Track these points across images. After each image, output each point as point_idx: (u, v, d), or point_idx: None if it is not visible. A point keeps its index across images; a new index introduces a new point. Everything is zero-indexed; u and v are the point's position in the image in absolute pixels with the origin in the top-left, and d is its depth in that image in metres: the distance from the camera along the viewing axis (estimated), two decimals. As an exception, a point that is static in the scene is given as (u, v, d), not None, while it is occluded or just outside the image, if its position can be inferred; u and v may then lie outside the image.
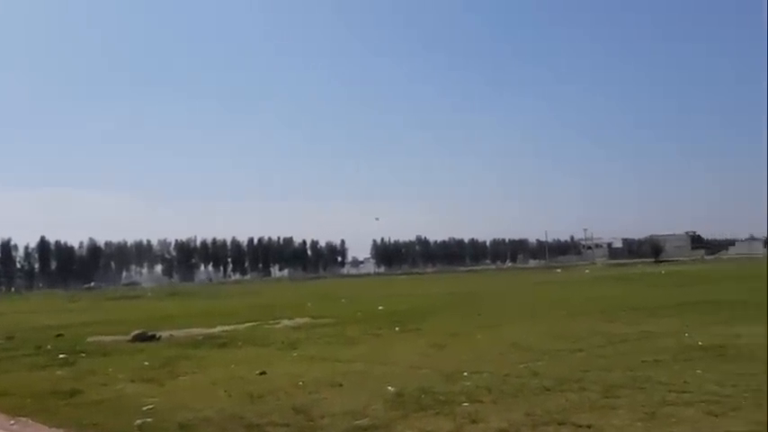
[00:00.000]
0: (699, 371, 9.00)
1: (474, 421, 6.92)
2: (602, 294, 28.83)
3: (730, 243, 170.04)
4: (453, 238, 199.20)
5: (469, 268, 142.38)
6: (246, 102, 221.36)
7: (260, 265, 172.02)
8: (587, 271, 73.56)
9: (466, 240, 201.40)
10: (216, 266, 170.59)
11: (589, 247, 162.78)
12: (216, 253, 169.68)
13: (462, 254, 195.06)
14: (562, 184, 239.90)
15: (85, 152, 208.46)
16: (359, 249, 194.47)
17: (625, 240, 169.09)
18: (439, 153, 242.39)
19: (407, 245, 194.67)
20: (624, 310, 19.09)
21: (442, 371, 10.04)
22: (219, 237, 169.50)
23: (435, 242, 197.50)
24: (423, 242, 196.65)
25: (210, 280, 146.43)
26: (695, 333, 12.89)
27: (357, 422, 7.14)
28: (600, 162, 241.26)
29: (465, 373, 9.68)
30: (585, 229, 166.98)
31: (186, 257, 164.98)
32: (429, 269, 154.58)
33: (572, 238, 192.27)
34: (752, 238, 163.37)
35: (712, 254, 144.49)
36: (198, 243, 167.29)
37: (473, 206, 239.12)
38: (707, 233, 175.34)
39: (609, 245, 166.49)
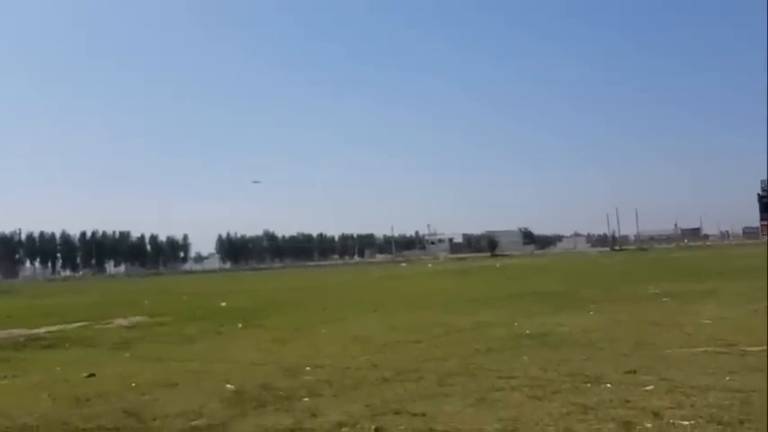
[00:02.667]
0: (525, 357, 9.60)
1: (314, 415, 6.91)
2: (442, 287, 30.03)
3: (558, 239, 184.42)
4: (302, 233, 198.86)
5: (317, 263, 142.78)
6: (69, 87, 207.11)
7: (93, 261, 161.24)
8: (430, 265, 76.44)
9: (314, 235, 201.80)
10: (43, 262, 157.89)
11: (432, 242, 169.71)
12: (43, 248, 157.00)
13: (311, 249, 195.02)
14: (408, 182, 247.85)
15: None
16: (203, 244, 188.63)
17: (465, 236, 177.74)
18: (286, 148, 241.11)
19: (254, 240, 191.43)
20: (461, 302, 19.99)
21: (284, 366, 9.94)
22: (47, 230, 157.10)
23: (283, 237, 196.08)
24: (270, 237, 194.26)
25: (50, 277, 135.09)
26: (523, 322, 13.75)
27: (193, 423, 6.88)
28: (443, 161, 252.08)
29: (307, 368, 9.65)
30: (429, 225, 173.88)
31: (9, 252, 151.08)
32: (277, 264, 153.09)
33: (417, 233, 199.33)
34: (576, 235, 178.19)
35: (542, 248, 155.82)
36: (23, 237, 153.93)
37: (322, 202, 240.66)
38: (537, 230, 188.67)
39: (450, 240, 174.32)
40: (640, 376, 7.80)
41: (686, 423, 5.80)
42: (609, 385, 7.44)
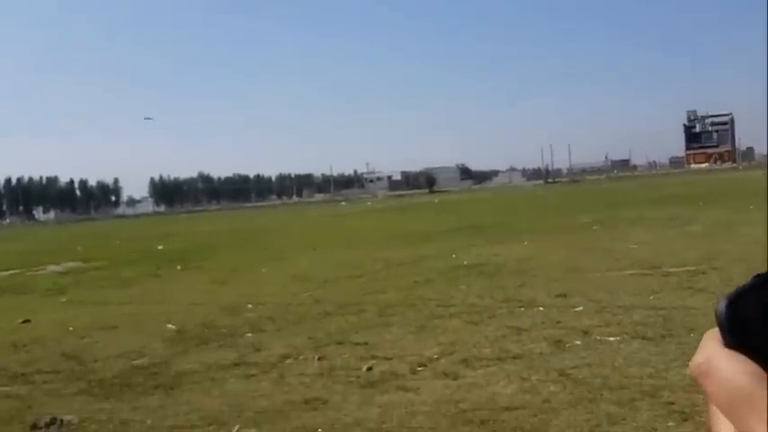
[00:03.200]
0: (463, 286, 9.90)
1: (258, 350, 7.00)
2: (381, 224, 30.28)
3: (494, 174, 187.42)
4: (238, 174, 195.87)
5: (255, 204, 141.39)
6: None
7: (21, 209, 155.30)
8: (369, 203, 76.72)
9: (251, 176, 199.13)
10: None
11: (371, 181, 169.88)
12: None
13: (248, 190, 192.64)
14: (346, 121, 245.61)
15: None
16: (135, 188, 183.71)
17: (404, 173, 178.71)
18: (218, 86, 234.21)
19: (189, 182, 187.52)
20: (401, 238, 20.26)
21: (225, 305, 9.96)
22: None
23: (219, 179, 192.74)
24: (205, 179, 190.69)
25: None
26: (461, 254, 14.09)
27: (134, 362, 6.89)
28: (379, 99, 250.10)
29: (249, 306, 9.70)
30: (368, 164, 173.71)
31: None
32: (213, 206, 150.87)
33: (355, 172, 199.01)
34: (512, 169, 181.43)
35: (479, 183, 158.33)
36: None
37: (258, 142, 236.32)
38: (474, 165, 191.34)
39: (389, 178, 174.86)
40: (571, 299, 8.16)
41: (612, 339, 6.15)
42: (541, 308, 7.78)
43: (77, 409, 5.47)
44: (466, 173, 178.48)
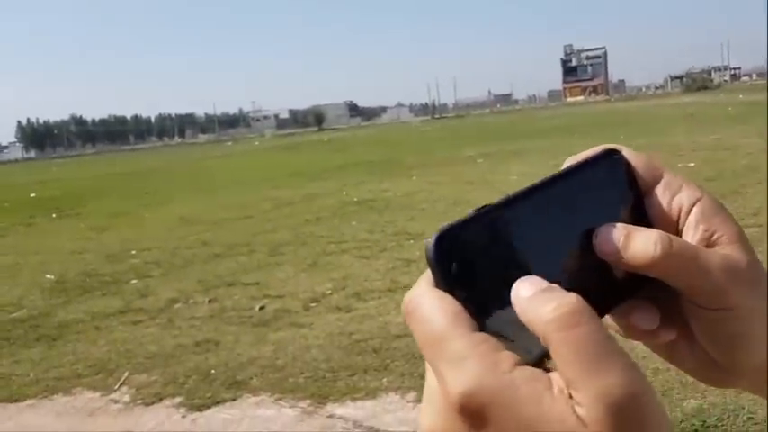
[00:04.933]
0: (353, 223, 10.00)
1: (144, 296, 6.83)
2: (269, 164, 29.85)
3: (383, 110, 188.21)
4: (114, 116, 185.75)
5: (134, 147, 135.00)
6: None
7: None
8: (257, 143, 75.08)
9: (128, 117, 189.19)
10: None
11: (257, 120, 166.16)
12: None
13: (125, 132, 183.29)
14: (230, 57, 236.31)
15: None
16: (1, 133, 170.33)
17: (291, 111, 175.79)
18: (81, 22, 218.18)
19: (60, 125, 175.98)
20: (290, 177, 20.06)
21: (107, 253, 9.57)
22: None
23: (93, 121, 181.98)
24: (79, 121, 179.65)
25: None
26: (351, 191, 14.18)
27: (13, 315, 6.54)
28: (264, 34, 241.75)
29: (132, 252, 9.37)
30: (254, 102, 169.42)
31: None
32: (89, 150, 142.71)
33: (241, 110, 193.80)
34: (399, 105, 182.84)
35: (367, 120, 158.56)
36: None
37: (132, 80, 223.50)
38: (362, 102, 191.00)
39: (276, 116, 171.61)
40: (457, 230, 8.44)
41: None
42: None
43: (-50, 369, 5.16)
44: (354, 110, 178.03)
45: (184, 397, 4.27)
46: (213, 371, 4.61)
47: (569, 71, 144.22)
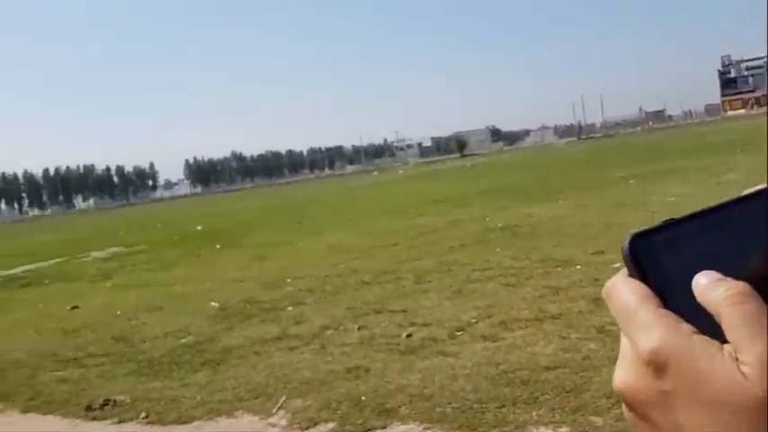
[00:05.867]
0: (498, 249, 9.90)
1: (298, 322, 7.15)
2: (414, 191, 30.30)
3: (525, 133, 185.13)
4: (270, 151, 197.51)
5: (288, 180, 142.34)
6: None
7: (61, 198, 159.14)
8: (401, 171, 76.65)
9: (283, 152, 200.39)
10: (9, 204, 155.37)
11: (401, 149, 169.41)
12: (8, 189, 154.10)
13: (280, 166, 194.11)
14: (373, 90, 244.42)
15: None
16: (171, 171, 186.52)
17: (433, 139, 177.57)
18: (239, 68, 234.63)
19: (223, 162, 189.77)
20: (434, 204, 20.27)
21: (265, 281, 10.14)
22: (9, 171, 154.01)
23: (252, 156, 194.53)
24: (238, 158, 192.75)
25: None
26: (495, 217, 14.06)
27: (182, 341, 7.09)
28: (406, 67, 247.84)
29: (288, 280, 9.86)
30: (397, 132, 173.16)
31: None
32: (247, 185, 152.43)
33: (385, 140, 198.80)
34: (543, 128, 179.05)
35: (510, 144, 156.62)
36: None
37: (288, 117, 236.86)
38: (504, 126, 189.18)
39: (419, 144, 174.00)
40: (608, 255, 8.09)
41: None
42: (578, 267, 7.75)
43: (129, 389, 5.68)
44: (497, 134, 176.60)
45: (337, 423, 4.42)
46: (363, 397, 4.73)
47: (728, 83, 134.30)
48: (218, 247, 16.56)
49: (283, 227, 20.24)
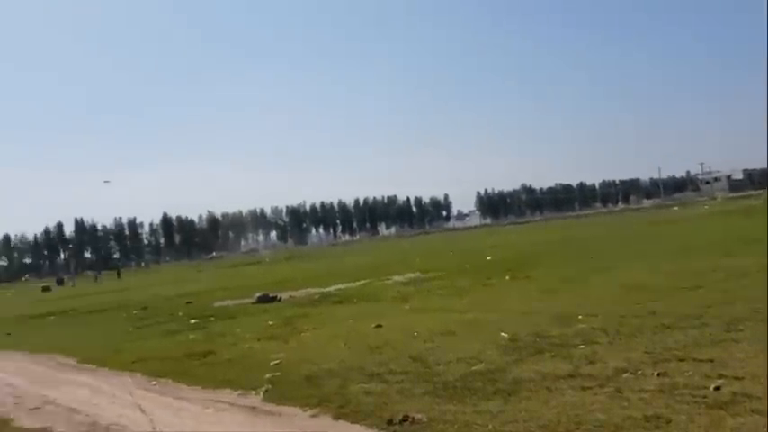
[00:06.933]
0: (832, 300, 8.49)
1: (591, 362, 6.92)
2: (720, 229, 27.39)
3: None
4: (560, 184, 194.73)
5: (579, 213, 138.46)
6: (336, 60, 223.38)
7: (367, 225, 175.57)
8: (706, 207, 69.79)
9: (574, 185, 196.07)
10: (326, 229, 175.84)
11: (707, 182, 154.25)
12: (325, 216, 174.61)
13: (571, 199, 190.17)
14: (673, 118, 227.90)
15: (194, 128, 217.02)
16: (463, 202, 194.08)
17: (745, 171, 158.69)
18: (534, 98, 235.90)
19: (512, 194, 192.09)
20: (746, 243, 18.09)
21: (556, 315, 10.01)
22: (327, 200, 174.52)
23: (541, 189, 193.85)
24: (528, 190, 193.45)
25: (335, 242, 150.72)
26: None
27: (473, 368, 7.31)
28: (718, 90, 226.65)
29: (579, 317, 9.61)
30: (702, 163, 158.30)
31: (298, 222, 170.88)
32: (536, 217, 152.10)
33: (688, 173, 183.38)
34: None
35: None
36: (308, 207, 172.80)
37: (579, 148, 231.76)
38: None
39: (728, 177, 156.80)
40: None
41: None
42: None
43: (426, 409, 6.02)
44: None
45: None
46: (663, 449, 4.41)
47: None
48: (507, 278, 16.78)
49: (574, 261, 19.76)
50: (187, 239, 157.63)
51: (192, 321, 15.12)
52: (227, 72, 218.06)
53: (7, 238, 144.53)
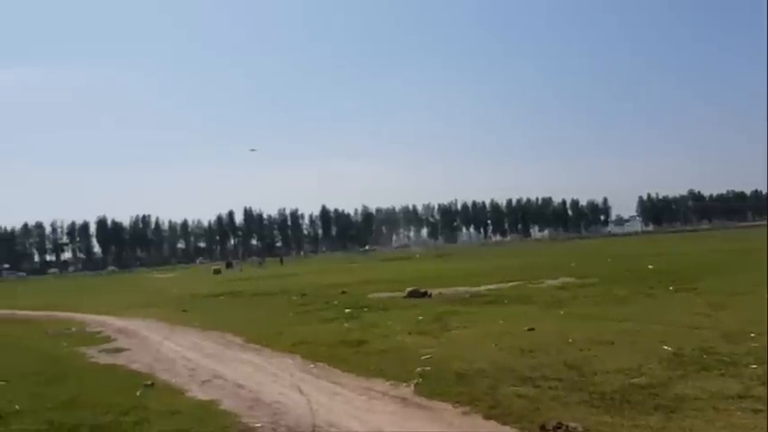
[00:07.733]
0: None
1: (764, 383, 6.41)
2: None
3: None
4: (731, 191, 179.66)
5: (752, 224, 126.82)
6: (494, 60, 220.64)
7: (519, 227, 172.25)
8: None
9: (747, 192, 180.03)
10: (477, 228, 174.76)
11: None
12: (476, 215, 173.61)
13: (743, 208, 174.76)
14: None
15: (353, 125, 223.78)
16: (623, 207, 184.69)
17: None
18: (706, 97, 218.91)
19: (678, 200, 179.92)
20: None
21: (724, 331, 9.35)
22: (479, 199, 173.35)
23: (710, 196, 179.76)
24: (696, 196, 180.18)
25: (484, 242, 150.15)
26: None
27: (633, 380, 7.01)
28: None
29: (752, 334, 8.91)
30: None
31: (449, 221, 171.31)
32: (703, 225, 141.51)
33: None
34: None
35: None
36: (459, 206, 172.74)
37: (755, 153, 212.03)
38: None
39: None
40: None
41: None
42: None
43: (580, 418, 5.86)
44: None
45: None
46: None
47: None
48: (670, 288, 15.85)
49: (744, 274, 18.22)
50: (343, 232, 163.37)
51: (347, 311, 15.69)
52: (386, 73, 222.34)
53: (185, 223, 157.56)
